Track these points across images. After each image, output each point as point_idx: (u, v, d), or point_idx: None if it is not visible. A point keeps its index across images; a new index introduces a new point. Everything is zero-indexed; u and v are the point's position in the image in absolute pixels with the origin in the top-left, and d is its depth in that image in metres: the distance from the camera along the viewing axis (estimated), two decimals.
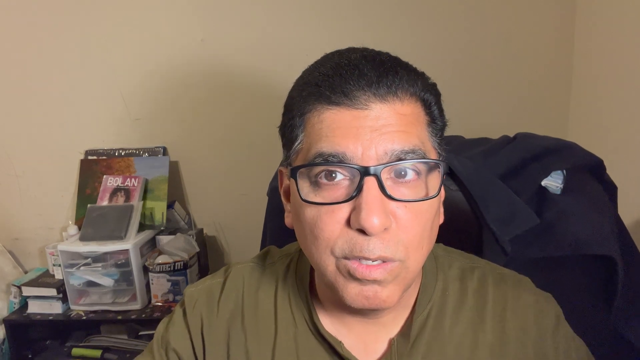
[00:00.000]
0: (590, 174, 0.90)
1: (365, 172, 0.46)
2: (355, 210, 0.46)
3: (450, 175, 0.84)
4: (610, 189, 0.91)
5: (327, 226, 0.48)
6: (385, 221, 0.46)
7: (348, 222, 0.47)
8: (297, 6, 1.56)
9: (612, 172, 0.92)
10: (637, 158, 1.24)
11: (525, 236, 0.83)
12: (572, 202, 0.85)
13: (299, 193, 0.49)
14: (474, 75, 1.59)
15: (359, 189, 0.46)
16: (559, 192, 0.88)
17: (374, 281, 0.48)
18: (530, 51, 1.57)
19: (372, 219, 0.45)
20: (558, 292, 0.63)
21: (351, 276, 0.48)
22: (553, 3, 1.53)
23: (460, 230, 0.85)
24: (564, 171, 0.89)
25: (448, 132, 0.54)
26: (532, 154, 0.91)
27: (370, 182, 0.46)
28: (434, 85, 0.53)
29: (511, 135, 1.01)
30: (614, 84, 1.36)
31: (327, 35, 1.57)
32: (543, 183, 0.89)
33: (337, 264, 0.49)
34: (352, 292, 0.49)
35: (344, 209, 0.47)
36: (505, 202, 0.84)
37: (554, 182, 0.88)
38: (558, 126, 1.61)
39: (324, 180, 0.48)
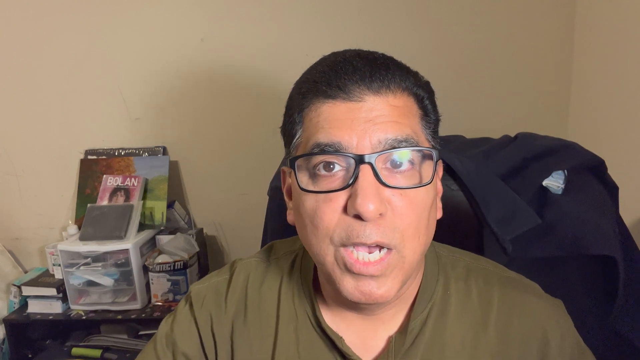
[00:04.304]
0: (592, 174, 0.90)
1: (360, 160, 0.48)
2: (352, 197, 0.48)
3: (451, 174, 0.84)
4: (612, 189, 0.91)
5: (325, 215, 0.50)
6: (380, 207, 0.48)
7: (345, 210, 0.49)
8: (298, 6, 1.56)
9: (612, 172, 0.92)
10: (638, 158, 1.24)
11: (526, 236, 0.83)
12: (573, 202, 0.85)
13: (298, 183, 0.51)
14: (475, 75, 1.59)
15: (355, 176, 0.48)
16: (560, 192, 0.88)
17: (371, 277, 0.49)
18: (530, 51, 1.57)
19: (367, 204, 0.47)
20: (559, 292, 0.63)
21: (347, 270, 0.50)
22: (553, 3, 1.53)
23: (461, 230, 0.85)
24: (565, 171, 0.89)
25: (449, 132, 0.55)
26: (533, 154, 0.91)
27: (365, 170, 0.48)
28: (427, 83, 0.56)
29: (512, 135, 1.01)
30: (614, 84, 1.36)
31: (327, 35, 1.57)
32: (544, 183, 0.89)
33: (335, 254, 0.50)
34: (348, 285, 0.50)
35: (341, 197, 0.49)
36: (507, 201, 0.84)
37: (555, 182, 0.88)
38: (558, 126, 1.61)
39: (322, 172, 0.50)
